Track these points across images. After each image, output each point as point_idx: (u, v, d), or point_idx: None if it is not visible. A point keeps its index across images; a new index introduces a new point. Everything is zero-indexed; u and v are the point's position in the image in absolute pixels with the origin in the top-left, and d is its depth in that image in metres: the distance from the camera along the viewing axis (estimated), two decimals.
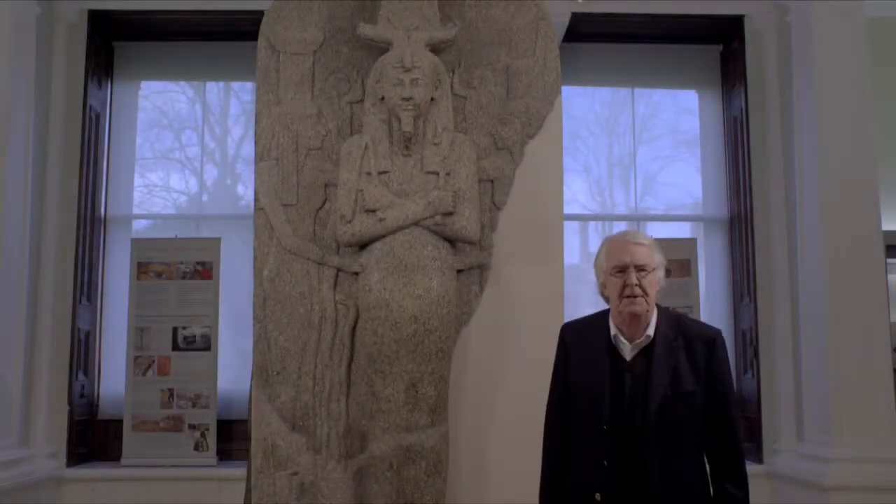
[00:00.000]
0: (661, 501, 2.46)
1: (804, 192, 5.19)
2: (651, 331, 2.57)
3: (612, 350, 2.59)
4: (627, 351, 2.58)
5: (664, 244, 6.34)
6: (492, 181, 3.57)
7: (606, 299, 2.67)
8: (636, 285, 2.52)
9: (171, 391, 5.48)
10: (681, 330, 2.59)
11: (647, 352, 2.56)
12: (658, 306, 2.63)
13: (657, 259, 2.60)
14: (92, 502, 5.19)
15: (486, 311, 3.50)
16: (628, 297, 2.52)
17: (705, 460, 2.60)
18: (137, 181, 6.07)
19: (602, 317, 2.68)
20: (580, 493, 2.55)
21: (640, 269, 2.54)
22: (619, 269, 2.56)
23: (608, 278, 2.60)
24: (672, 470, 2.48)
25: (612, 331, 2.61)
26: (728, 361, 2.63)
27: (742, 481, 2.56)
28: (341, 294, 3.44)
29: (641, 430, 2.48)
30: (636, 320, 2.56)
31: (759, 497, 5.32)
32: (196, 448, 5.43)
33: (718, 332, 2.65)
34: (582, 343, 2.66)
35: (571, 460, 2.61)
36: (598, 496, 2.49)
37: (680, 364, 2.53)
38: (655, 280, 2.57)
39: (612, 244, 2.64)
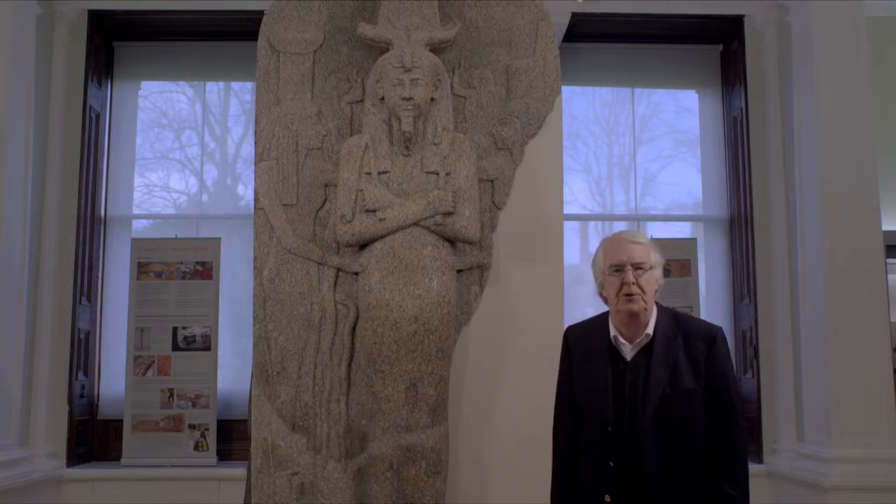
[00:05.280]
0: (660, 501, 2.44)
1: (804, 192, 5.19)
2: (650, 329, 2.55)
3: (613, 351, 2.57)
4: (627, 351, 2.56)
5: (664, 244, 6.35)
6: (492, 181, 3.57)
7: (605, 300, 2.64)
8: (633, 283, 2.49)
9: (171, 391, 5.48)
10: (680, 328, 2.56)
11: (646, 350, 2.54)
12: (658, 305, 2.61)
13: (654, 258, 2.56)
14: (92, 502, 5.19)
15: (486, 311, 3.49)
16: (626, 295, 2.50)
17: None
18: (137, 181, 6.08)
19: (602, 318, 2.66)
20: (590, 495, 2.53)
21: (637, 267, 2.52)
22: (616, 267, 2.54)
23: (605, 278, 2.58)
24: (672, 469, 2.44)
25: (612, 332, 2.59)
26: (730, 360, 2.58)
27: (739, 482, 2.48)
28: (341, 294, 3.44)
29: (642, 430, 2.46)
30: (634, 319, 2.54)
31: (759, 497, 5.32)
32: (196, 448, 5.43)
33: (719, 329, 2.61)
34: (584, 346, 2.65)
35: (580, 463, 2.59)
36: (607, 498, 2.47)
37: (679, 362, 2.49)
38: (653, 279, 2.54)
39: (610, 244, 2.61)
